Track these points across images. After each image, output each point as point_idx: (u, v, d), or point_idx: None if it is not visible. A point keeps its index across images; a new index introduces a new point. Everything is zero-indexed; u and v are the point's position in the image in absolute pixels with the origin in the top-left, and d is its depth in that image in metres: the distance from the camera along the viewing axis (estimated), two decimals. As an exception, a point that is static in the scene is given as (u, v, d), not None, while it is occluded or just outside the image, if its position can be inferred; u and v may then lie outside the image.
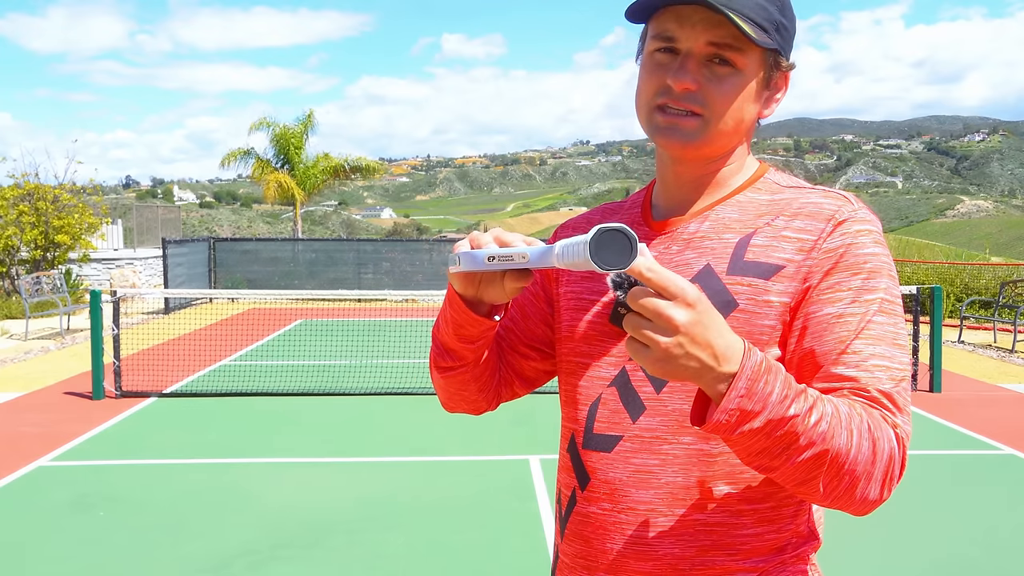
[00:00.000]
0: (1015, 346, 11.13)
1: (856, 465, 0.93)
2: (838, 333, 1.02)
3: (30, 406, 7.65)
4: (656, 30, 1.09)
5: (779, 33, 1.09)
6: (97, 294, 7.93)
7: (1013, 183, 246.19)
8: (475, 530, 4.58)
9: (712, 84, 1.07)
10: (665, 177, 1.19)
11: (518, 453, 5.92)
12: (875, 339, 1.02)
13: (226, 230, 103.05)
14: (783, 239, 1.08)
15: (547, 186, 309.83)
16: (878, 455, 0.95)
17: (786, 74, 1.14)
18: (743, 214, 1.12)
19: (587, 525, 1.14)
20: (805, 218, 1.08)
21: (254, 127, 23.99)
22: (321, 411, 7.49)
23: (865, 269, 1.05)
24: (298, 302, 17.40)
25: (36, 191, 16.47)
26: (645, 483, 1.10)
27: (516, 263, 0.96)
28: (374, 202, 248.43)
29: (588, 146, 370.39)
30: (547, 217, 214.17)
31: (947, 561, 4.17)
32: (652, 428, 1.10)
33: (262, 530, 4.52)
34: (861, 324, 1.02)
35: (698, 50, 1.06)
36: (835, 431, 0.92)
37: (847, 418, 0.94)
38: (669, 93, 1.08)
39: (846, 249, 1.05)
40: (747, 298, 1.06)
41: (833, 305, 1.03)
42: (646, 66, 1.12)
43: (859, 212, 1.08)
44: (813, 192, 1.12)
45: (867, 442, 0.94)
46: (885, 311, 1.04)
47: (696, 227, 1.13)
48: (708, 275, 1.08)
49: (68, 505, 4.93)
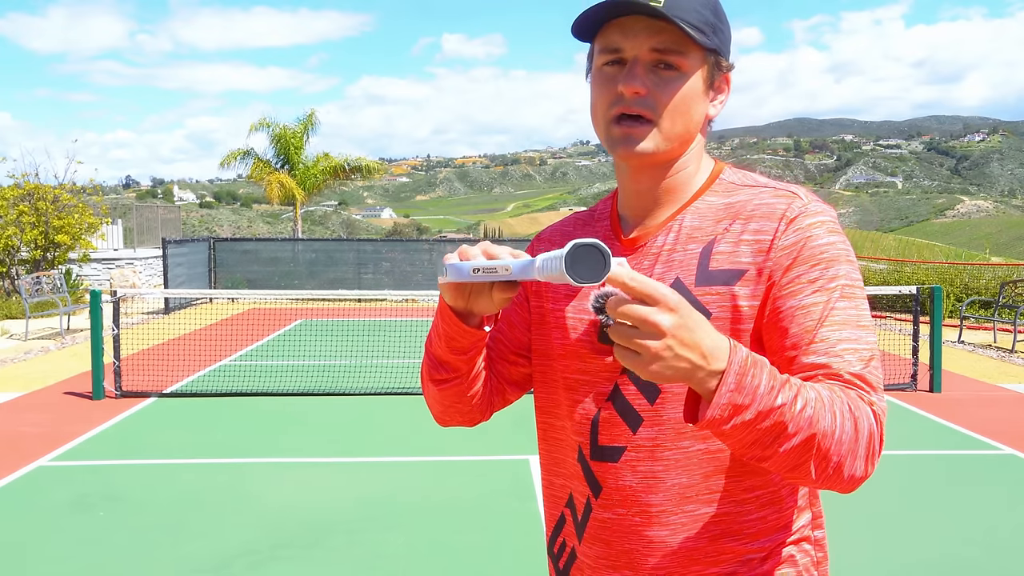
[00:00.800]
0: (1015, 346, 11.13)
1: (842, 445, 0.98)
2: (803, 324, 1.07)
3: (30, 406, 7.65)
4: (602, 44, 1.15)
5: (716, 35, 1.15)
6: (97, 294, 7.93)
7: (1013, 183, 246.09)
8: (475, 530, 4.58)
9: (659, 88, 1.12)
10: (626, 189, 1.23)
11: (518, 453, 5.92)
12: (840, 324, 1.06)
13: (226, 230, 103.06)
14: (742, 243, 1.13)
15: (547, 186, 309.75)
16: (860, 433, 0.99)
17: (727, 76, 1.20)
18: (703, 221, 1.17)
19: (605, 529, 1.21)
20: (759, 219, 1.13)
21: (254, 128, 23.98)
22: (321, 411, 7.49)
23: (823, 259, 1.10)
24: (298, 302, 17.40)
25: (36, 191, 16.47)
26: (653, 487, 1.16)
27: (500, 275, 0.99)
28: (374, 202, 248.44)
29: (588, 146, 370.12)
30: (547, 217, 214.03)
31: (947, 561, 4.17)
32: (652, 437, 1.16)
33: (262, 530, 4.52)
34: (825, 312, 1.07)
35: (644, 56, 1.12)
36: (820, 415, 0.96)
37: (829, 401, 0.98)
38: (621, 100, 1.13)
39: (802, 243, 1.10)
40: (718, 306, 1.12)
41: (795, 298, 1.08)
42: (596, 80, 1.17)
43: (810, 206, 1.13)
44: (765, 191, 1.17)
45: (849, 422, 0.99)
46: (847, 296, 1.08)
47: (663, 240, 1.19)
48: (679, 288, 1.13)
49: (68, 505, 4.93)
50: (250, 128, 24.02)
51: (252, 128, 23.99)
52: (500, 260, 1.00)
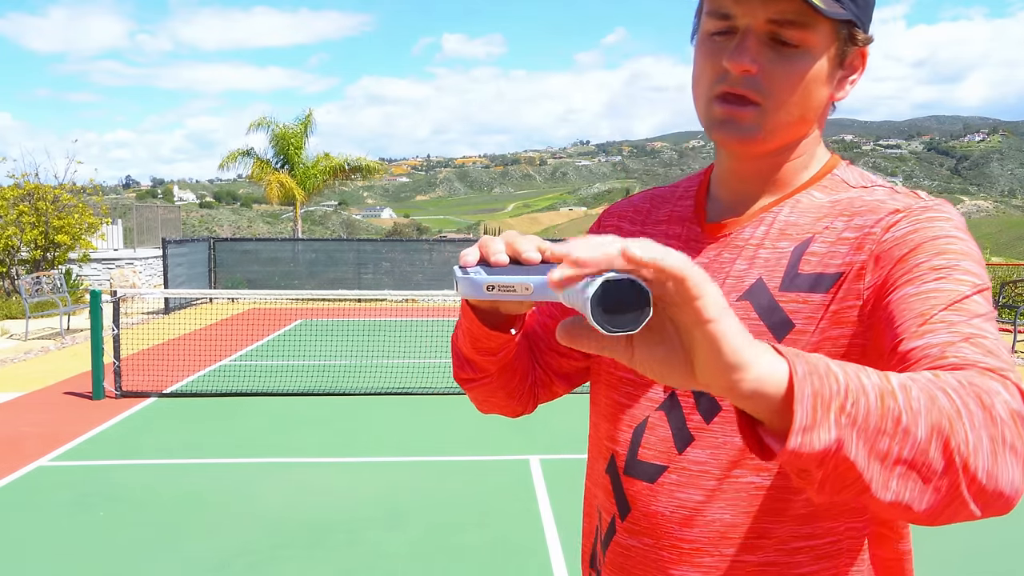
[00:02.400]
0: (1015, 346, 11.13)
1: (981, 445, 0.66)
2: (919, 308, 0.83)
3: (30, 406, 7.65)
4: (712, 5, 0.95)
5: (854, 1, 0.93)
6: (97, 294, 7.92)
7: (1013, 183, 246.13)
8: (475, 530, 4.58)
9: (774, 66, 0.93)
10: (722, 170, 1.06)
11: (518, 453, 5.92)
12: (968, 312, 0.82)
13: (226, 230, 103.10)
14: (841, 242, 0.94)
15: (547, 186, 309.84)
16: (997, 420, 0.68)
17: (863, 50, 0.98)
18: (802, 217, 0.99)
19: (628, 559, 1.06)
20: (866, 214, 0.94)
21: (253, 126, 24.00)
22: (321, 411, 7.48)
23: (951, 251, 0.87)
24: (298, 302, 17.40)
25: (36, 191, 16.46)
26: (690, 520, 0.99)
27: (519, 295, 0.77)
28: (374, 202, 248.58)
29: (588, 146, 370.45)
30: (547, 217, 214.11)
31: (947, 561, 4.17)
32: (701, 461, 0.98)
33: (262, 530, 4.52)
34: (951, 299, 0.82)
35: (758, 27, 0.92)
36: (946, 411, 0.66)
37: (943, 393, 0.68)
38: (727, 78, 0.94)
39: (922, 232, 0.89)
40: (804, 317, 0.93)
41: (912, 285, 0.85)
42: (701, 50, 0.98)
43: (934, 204, 0.93)
44: (880, 189, 0.98)
45: (979, 410, 0.68)
46: (978, 292, 0.84)
47: (751, 232, 1.01)
48: (760, 291, 0.97)
49: (68, 505, 4.93)
50: (249, 127, 24.06)
51: (251, 126, 24.02)
52: (520, 277, 0.75)
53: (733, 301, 0.97)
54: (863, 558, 0.99)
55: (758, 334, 0.94)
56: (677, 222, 1.09)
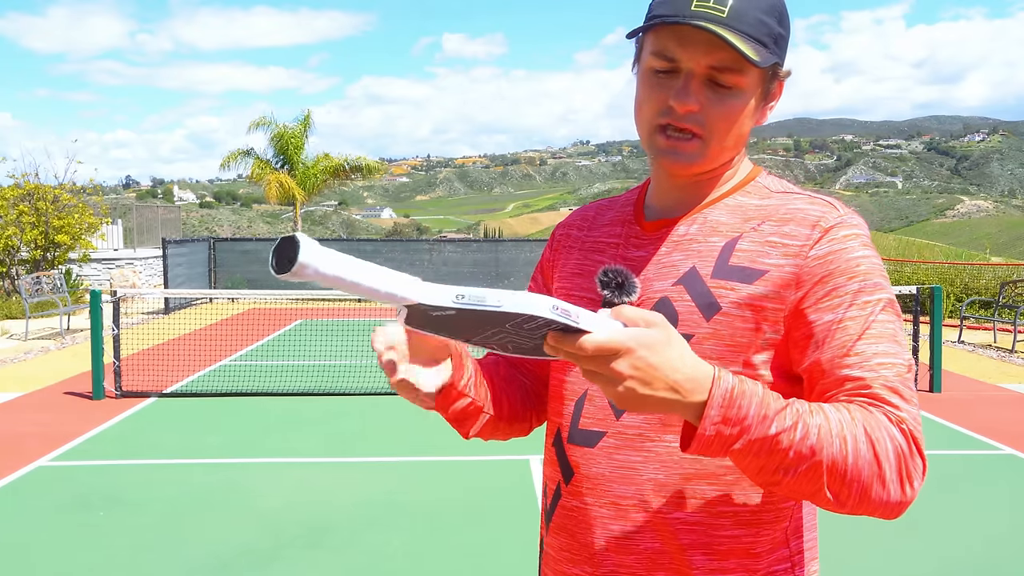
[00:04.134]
0: (1015, 346, 11.12)
1: (859, 471, 0.93)
2: (840, 339, 1.02)
3: (30, 406, 7.65)
4: (656, 46, 1.08)
5: (777, 45, 1.09)
6: (97, 294, 7.92)
7: (1013, 183, 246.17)
8: (475, 530, 4.58)
9: (713, 106, 1.07)
10: (659, 182, 1.20)
11: (518, 453, 5.92)
12: (876, 338, 1.02)
13: (226, 230, 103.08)
14: (768, 244, 1.09)
15: (547, 186, 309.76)
16: (881, 456, 0.94)
17: (782, 82, 1.15)
18: (731, 217, 1.14)
19: (571, 518, 1.17)
20: (791, 224, 1.09)
21: (253, 126, 23.99)
22: (321, 411, 7.48)
23: (860, 272, 1.05)
24: (298, 302, 17.39)
25: (36, 191, 16.46)
26: (627, 479, 1.12)
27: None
28: (374, 202, 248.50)
29: (588, 146, 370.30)
30: (547, 217, 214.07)
31: (947, 561, 4.17)
32: (635, 425, 1.12)
33: (262, 530, 4.52)
34: (864, 326, 1.02)
35: (699, 71, 1.06)
36: (825, 441, 0.92)
37: (838, 425, 0.94)
38: (671, 114, 1.08)
39: (836, 255, 1.06)
40: (730, 302, 1.08)
41: (832, 312, 1.04)
42: (646, 82, 1.12)
43: (846, 217, 1.09)
44: (799, 198, 1.13)
45: (864, 445, 0.93)
46: (883, 311, 1.04)
47: (685, 229, 1.15)
48: (693, 277, 1.10)
49: (68, 505, 4.93)
50: (249, 126, 24.05)
51: (252, 126, 24.01)
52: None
53: (670, 286, 1.12)
54: (783, 527, 1.13)
55: (690, 314, 1.09)
56: (619, 224, 1.23)
